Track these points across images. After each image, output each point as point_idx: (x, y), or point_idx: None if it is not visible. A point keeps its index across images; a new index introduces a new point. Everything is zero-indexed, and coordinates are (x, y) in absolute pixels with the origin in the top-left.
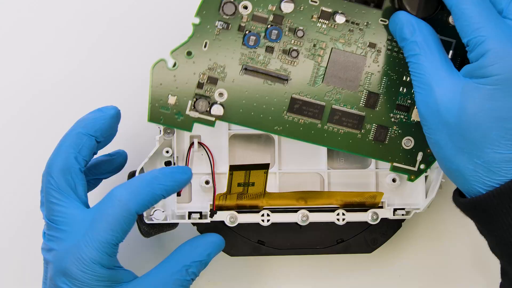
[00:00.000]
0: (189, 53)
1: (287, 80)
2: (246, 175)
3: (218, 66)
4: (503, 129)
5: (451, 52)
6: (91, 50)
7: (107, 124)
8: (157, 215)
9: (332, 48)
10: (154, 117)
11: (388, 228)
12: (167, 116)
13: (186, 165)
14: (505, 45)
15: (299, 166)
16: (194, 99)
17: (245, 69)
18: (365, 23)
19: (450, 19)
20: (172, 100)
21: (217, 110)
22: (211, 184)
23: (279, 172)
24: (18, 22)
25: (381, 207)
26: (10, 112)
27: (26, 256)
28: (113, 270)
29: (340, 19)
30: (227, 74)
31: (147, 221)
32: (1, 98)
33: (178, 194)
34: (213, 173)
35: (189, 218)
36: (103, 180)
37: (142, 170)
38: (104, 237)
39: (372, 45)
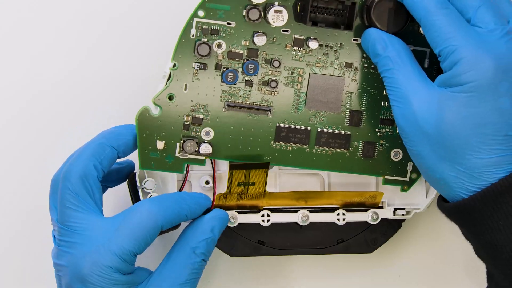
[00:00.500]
0: (170, 98)
1: (270, 110)
2: (246, 174)
3: (201, 106)
4: (481, 135)
5: (426, 61)
6: (91, 50)
7: (131, 141)
8: None
9: (309, 73)
10: (145, 164)
11: (388, 228)
12: (157, 161)
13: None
14: (476, 52)
15: None
16: (182, 141)
17: (228, 105)
18: (339, 45)
19: (422, 29)
20: (160, 145)
21: (205, 149)
22: (211, 184)
23: (279, 172)
24: (18, 22)
25: (381, 207)
26: (10, 112)
27: (26, 256)
28: (129, 275)
29: (313, 44)
30: (210, 113)
31: None
32: (1, 98)
33: None
34: (214, 172)
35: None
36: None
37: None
38: (127, 244)
39: (348, 65)
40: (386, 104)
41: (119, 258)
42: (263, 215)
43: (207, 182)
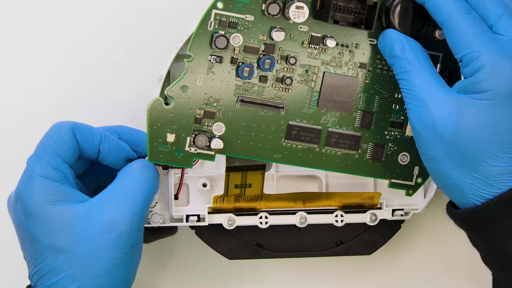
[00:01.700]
0: (184, 90)
1: (283, 108)
2: (243, 176)
3: (214, 100)
4: (500, 142)
5: (439, 65)
6: (91, 50)
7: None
8: (155, 219)
9: (324, 72)
10: (153, 157)
11: (388, 229)
12: (166, 154)
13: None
14: (499, 59)
15: (297, 168)
16: (193, 135)
17: (241, 100)
18: (354, 45)
19: (437, 34)
20: (170, 138)
21: (217, 144)
22: (208, 186)
23: (277, 174)
24: (17, 21)
25: (380, 208)
26: (10, 112)
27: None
28: (62, 184)
29: (331, 43)
30: (223, 107)
31: (145, 226)
32: (1, 97)
33: (176, 198)
34: (181, 180)
35: (187, 221)
36: None
37: None
38: (43, 147)
39: (362, 66)
40: (397, 107)
41: (43, 163)
42: (261, 218)
43: (204, 185)
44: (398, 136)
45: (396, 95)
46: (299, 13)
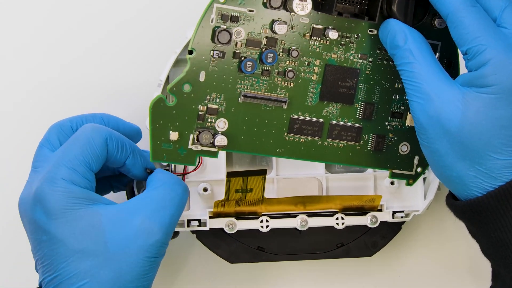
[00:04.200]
0: (186, 87)
1: (285, 102)
2: (244, 182)
3: (216, 96)
4: (505, 136)
5: (437, 54)
6: (90, 49)
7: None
8: None
9: (326, 64)
10: (156, 156)
11: (388, 231)
12: (169, 152)
13: (183, 171)
14: (505, 54)
15: (297, 171)
16: (196, 132)
17: (244, 95)
18: (355, 36)
19: (436, 22)
20: (174, 136)
21: (221, 141)
22: (209, 191)
23: (277, 178)
24: (17, 21)
25: (380, 210)
26: (9, 111)
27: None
28: (87, 190)
29: (333, 35)
30: (226, 103)
31: None
32: (1, 97)
33: None
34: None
35: (188, 225)
36: None
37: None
38: (73, 152)
39: (363, 57)
40: (397, 97)
41: (68, 168)
42: (262, 221)
43: (205, 190)
44: (399, 126)
45: (396, 85)
46: (302, 6)
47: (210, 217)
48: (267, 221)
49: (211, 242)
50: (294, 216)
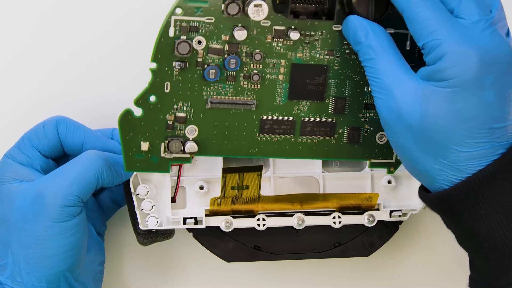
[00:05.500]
0: (152, 98)
1: (253, 104)
2: (240, 178)
3: (183, 105)
4: (466, 128)
5: (408, 43)
6: (88, 47)
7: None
8: (151, 222)
9: (292, 64)
10: (130, 166)
11: (386, 231)
12: (143, 162)
13: (178, 171)
14: (461, 47)
15: (293, 170)
16: (167, 141)
17: (211, 102)
18: (320, 33)
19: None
20: (145, 146)
21: (190, 147)
22: (205, 189)
23: (274, 176)
24: (16, 22)
25: (378, 209)
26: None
27: None
28: (22, 165)
29: (294, 35)
30: (193, 110)
31: (142, 228)
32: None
33: (173, 201)
34: (178, 178)
35: (184, 223)
36: None
37: (136, 177)
38: (23, 136)
39: (330, 53)
40: (369, 89)
41: (14, 146)
42: (258, 220)
43: (201, 187)
44: (374, 117)
45: (367, 78)
46: (258, 11)
47: (206, 215)
48: (263, 219)
49: (207, 240)
50: (291, 214)
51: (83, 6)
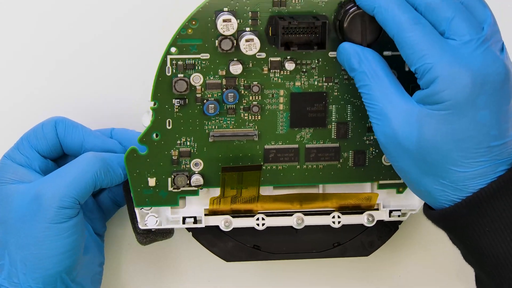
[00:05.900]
0: (155, 136)
1: (255, 134)
2: (239, 177)
3: (186, 140)
4: (463, 149)
5: (406, 65)
6: (88, 47)
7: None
8: (151, 221)
9: (291, 93)
10: (139, 202)
11: (385, 231)
12: (151, 197)
13: None
14: (452, 69)
15: None
16: (173, 176)
17: (213, 136)
18: (316, 61)
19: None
20: (152, 182)
21: (196, 181)
22: (205, 189)
23: None
24: (15, 22)
25: (377, 209)
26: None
27: None
28: (21, 166)
29: (290, 66)
30: (197, 145)
31: (141, 227)
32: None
33: None
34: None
35: (184, 223)
36: None
37: None
38: (22, 137)
39: (328, 79)
40: None
41: (13, 147)
42: (257, 219)
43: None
44: None
45: (364, 104)
46: (250, 46)
47: (205, 214)
48: (263, 219)
49: (206, 240)
50: (290, 214)
51: (83, 6)
